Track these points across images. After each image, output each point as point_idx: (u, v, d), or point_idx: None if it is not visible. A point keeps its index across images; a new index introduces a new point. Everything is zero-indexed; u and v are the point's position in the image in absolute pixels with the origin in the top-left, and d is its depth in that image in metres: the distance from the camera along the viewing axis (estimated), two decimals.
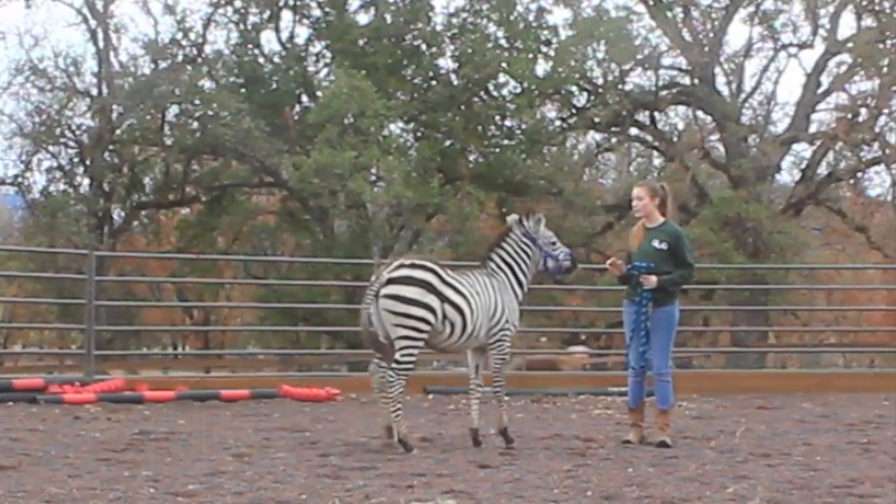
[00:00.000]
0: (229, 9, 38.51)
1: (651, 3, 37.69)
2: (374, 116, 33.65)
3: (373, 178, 35.30)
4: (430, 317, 11.91)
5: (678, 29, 38.05)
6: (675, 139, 40.10)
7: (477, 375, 12.68)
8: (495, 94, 37.66)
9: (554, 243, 13.08)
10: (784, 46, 39.24)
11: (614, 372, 25.67)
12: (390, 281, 12.02)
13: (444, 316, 11.79)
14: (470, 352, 12.52)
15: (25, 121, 38.69)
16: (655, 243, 12.91)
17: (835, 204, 39.71)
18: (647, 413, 13.45)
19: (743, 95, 39.63)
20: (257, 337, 42.66)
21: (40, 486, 9.45)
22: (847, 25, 38.84)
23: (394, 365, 11.53)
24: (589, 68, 37.91)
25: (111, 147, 38.01)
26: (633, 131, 40.79)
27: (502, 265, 12.75)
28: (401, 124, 37.86)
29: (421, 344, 12.12)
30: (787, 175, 40.88)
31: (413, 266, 12.24)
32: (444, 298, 12.03)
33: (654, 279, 12.69)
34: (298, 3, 38.38)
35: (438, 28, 37.46)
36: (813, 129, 39.09)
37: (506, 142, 37.68)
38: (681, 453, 12.34)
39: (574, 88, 38.37)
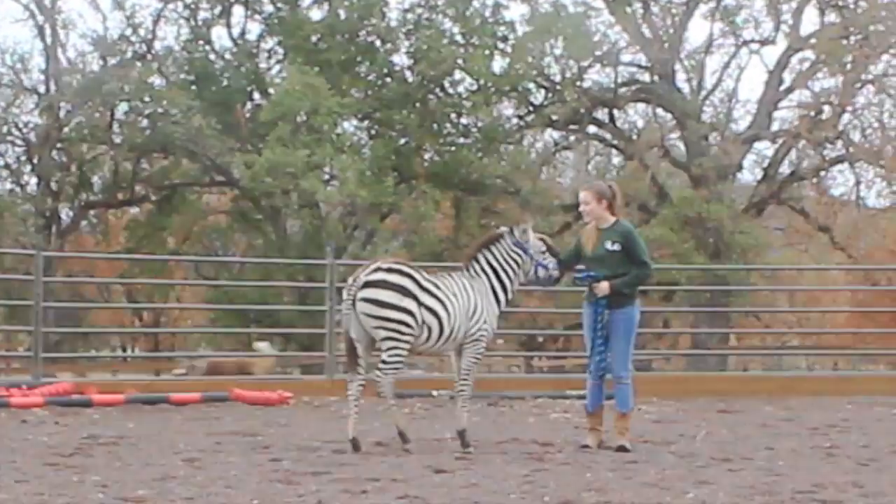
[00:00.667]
0: (179, 4, 38.75)
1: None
2: (328, 114, 33.67)
3: (326, 176, 35.37)
4: (409, 319, 12.03)
5: (637, 25, 38.37)
6: (634, 137, 40.50)
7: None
8: (451, 91, 37.90)
9: (544, 252, 13.00)
10: (745, 43, 39.60)
11: (572, 375, 25.22)
12: (367, 284, 12.10)
13: (423, 320, 11.93)
14: (454, 355, 12.67)
15: None
16: (608, 245, 12.77)
17: (797, 203, 40.34)
18: (606, 417, 13.25)
19: (704, 93, 39.81)
20: (208, 339, 41.49)
21: None
22: (810, 21, 39.43)
23: (381, 365, 11.76)
24: (546, 65, 38.06)
25: (59, 145, 38.18)
26: (592, 129, 41.17)
27: (486, 268, 12.74)
28: (354, 122, 37.93)
29: (407, 345, 12.20)
30: (749, 174, 41.25)
31: (389, 270, 12.30)
32: (420, 303, 12.14)
33: (605, 286, 12.52)
34: None
35: (393, 24, 37.58)
36: (775, 126, 39.56)
37: (462, 140, 37.99)
38: (640, 458, 12.18)
39: (531, 85, 38.57)
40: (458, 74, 37.62)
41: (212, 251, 42.68)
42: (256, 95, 38.59)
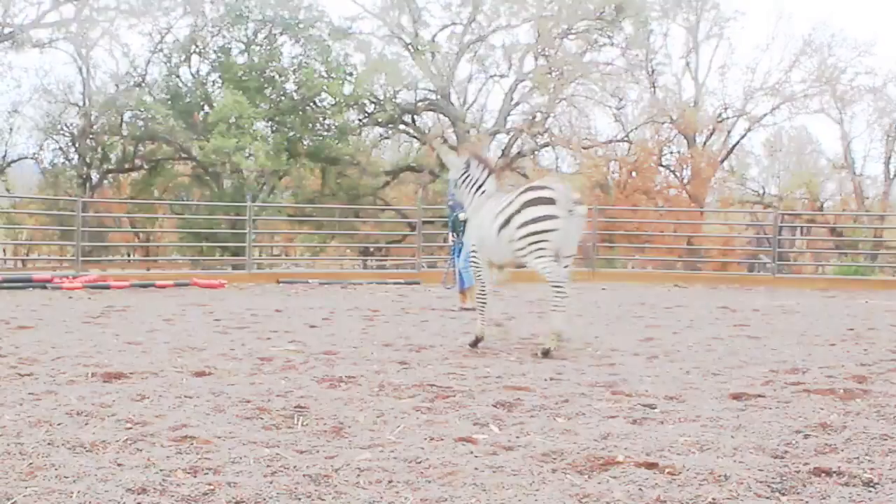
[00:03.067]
0: (161, 54, 42.86)
1: (412, 50, 43.65)
2: (248, 118, 37.77)
3: (247, 154, 37.80)
4: None
5: (428, 66, 43.59)
6: (426, 132, 45.60)
7: None
8: (319, 104, 41.93)
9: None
10: (491, 76, 45.59)
11: (390, 270, 30.35)
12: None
13: None
14: None
15: (40, 121, 44.32)
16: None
17: (522, 170, 44.68)
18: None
19: (467, 105, 45.25)
20: (178, 249, 42.31)
21: (49, 338, 10.80)
22: (529, 63, 45.10)
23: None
24: (375, 89, 42.89)
25: (91, 136, 42.64)
26: (402, 127, 46.61)
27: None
28: (263, 123, 40.78)
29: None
30: (494, 153, 44.53)
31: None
32: None
33: (461, 216, 14.33)
34: (202, 51, 42.63)
35: (286, 65, 41.94)
36: (509, 125, 45.13)
37: (326, 133, 41.97)
38: (431, 317, 14.21)
39: (366, 101, 43.10)
40: (323, 95, 41.35)
41: (180, 198, 44.00)
42: (206, 107, 40.82)
